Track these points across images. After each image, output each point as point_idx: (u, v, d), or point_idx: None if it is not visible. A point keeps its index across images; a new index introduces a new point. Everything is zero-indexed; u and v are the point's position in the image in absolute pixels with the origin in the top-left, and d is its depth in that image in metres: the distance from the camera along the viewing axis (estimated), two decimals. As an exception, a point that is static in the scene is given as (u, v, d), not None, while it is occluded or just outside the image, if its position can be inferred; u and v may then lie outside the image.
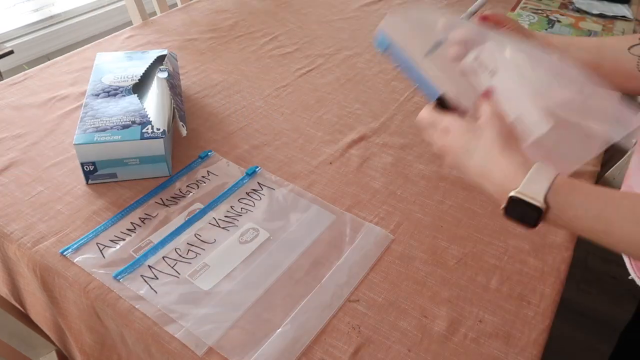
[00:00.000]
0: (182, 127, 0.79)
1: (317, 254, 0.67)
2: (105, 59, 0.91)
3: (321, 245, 0.68)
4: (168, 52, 0.94)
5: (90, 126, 0.75)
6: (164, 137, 0.74)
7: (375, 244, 0.69)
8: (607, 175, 0.86)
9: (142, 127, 0.75)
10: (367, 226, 0.71)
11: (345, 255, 0.67)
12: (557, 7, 1.44)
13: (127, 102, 0.80)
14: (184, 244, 0.67)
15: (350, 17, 1.33)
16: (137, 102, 0.79)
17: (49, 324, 0.74)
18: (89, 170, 0.75)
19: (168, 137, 0.78)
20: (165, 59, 0.91)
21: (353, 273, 0.65)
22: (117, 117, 0.76)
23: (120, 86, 0.83)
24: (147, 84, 0.84)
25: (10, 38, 1.54)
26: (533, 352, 0.57)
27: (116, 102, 0.80)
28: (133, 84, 0.84)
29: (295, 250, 0.67)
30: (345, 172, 0.81)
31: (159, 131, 0.74)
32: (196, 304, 0.60)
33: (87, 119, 0.76)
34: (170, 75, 0.87)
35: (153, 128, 0.75)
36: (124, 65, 0.89)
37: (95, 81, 0.85)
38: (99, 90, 0.82)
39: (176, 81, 0.91)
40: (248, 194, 0.76)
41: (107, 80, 0.85)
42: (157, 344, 0.57)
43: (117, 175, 0.76)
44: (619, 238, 0.44)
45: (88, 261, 0.64)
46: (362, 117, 0.95)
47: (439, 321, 0.60)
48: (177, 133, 0.86)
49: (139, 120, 0.76)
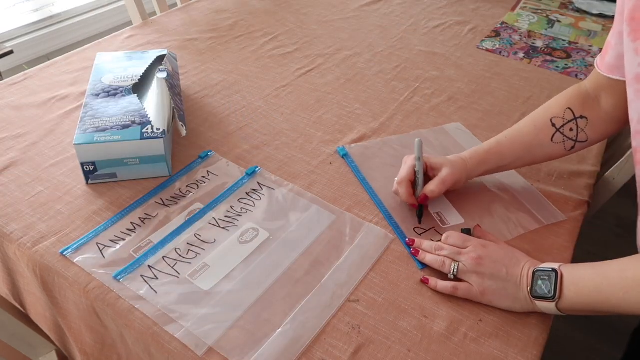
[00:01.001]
0: (181, 127, 0.79)
1: (317, 254, 0.67)
2: (105, 59, 0.91)
3: (321, 245, 0.68)
4: (168, 52, 0.94)
5: (90, 126, 0.75)
6: (164, 137, 0.74)
7: (375, 244, 0.69)
8: (606, 175, 0.86)
9: (142, 127, 0.75)
10: (367, 226, 0.71)
11: (345, 255, 0.67)
12: (557, 7, 1.44)
13: (127, 102, 0.80)
14: (183, 244, 0.67)
15: (350, 17, 1.33)
16: (137, 102, 0.79)
17: (49, 324, 0.74)
18: (89, 170, 0.75)
19: (168, 137, 0.78)
20: (165, 59, 0.91)
21: (353, 273, 0.65)
22: (117, 117, 0.76)
23: (120, 86, 0.83)
24: (146, 84, 0.84)
25: (10, 38, 1.54)
26: (533, 352, 0.57)
27: (116, 102, 0.80)
28: (133, 84, 0.84)
29: (295, 250, 0.67)
30: (345, 172, 0.81)
31: (158, 131, 0.74)
32: (196, 304, 0.60)
33: (87, 119, 0.76)
34: (169, 75, 0.87)
35: (153, 128, 0.75)
36: (124, 65, 0.89)
37: (95, 81, 0.85)
38: (99, 90, 0.82)
39: (176, 81, 0.91)
40: (248, 194, 0.76)
41: (107, 80, 0.85)
42: (157, 344, 0.57)
43: (117, 175, 0.76)
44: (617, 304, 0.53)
45: (88, 261, 0.64)
46: (362, 117, 0.95)
47: (439, 321, 0.60)
48: (176, 133, 0.86)
49: (139, 120, 0.76)
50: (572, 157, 0.87)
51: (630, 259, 0.53)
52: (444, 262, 0.63)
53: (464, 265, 0.62)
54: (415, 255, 0.66)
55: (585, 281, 0.55)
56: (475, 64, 1.14)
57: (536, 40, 1.26)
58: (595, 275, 0.54)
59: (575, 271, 0.56)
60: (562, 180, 0.82)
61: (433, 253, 0.65)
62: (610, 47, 0.66)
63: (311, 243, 0.68)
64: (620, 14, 0.62)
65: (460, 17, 1.36)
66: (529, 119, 0.75)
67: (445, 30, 1.29)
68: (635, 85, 0.57)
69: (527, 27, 1.32)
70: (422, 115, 0.96)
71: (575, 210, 0.76)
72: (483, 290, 0.60)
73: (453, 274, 0.62)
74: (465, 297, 0.62)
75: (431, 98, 1.01)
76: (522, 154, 0.74)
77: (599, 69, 0.69)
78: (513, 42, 1.25)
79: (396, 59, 1.14)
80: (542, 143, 0.73)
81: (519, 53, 1.20)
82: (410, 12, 1.37)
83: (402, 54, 1.16)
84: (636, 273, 0.51)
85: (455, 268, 0.62)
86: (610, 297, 0.52)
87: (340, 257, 0.66)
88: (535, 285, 0.58)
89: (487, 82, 1.08)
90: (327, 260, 0.66)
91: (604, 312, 0.54)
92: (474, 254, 0.62)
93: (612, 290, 0.52)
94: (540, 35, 1.28)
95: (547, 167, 0.84)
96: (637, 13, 0.55)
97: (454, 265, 0.63)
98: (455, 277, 0.63)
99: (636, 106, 0.58)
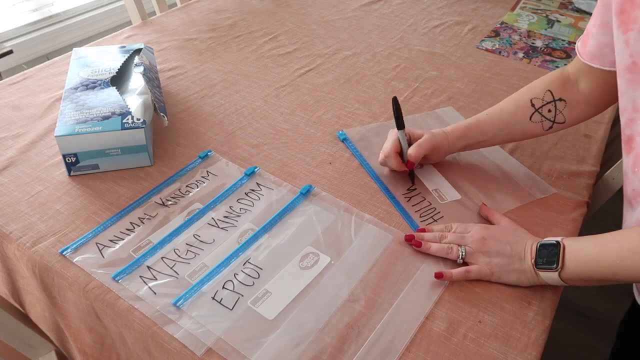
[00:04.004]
0: (162, 117, 0.80)
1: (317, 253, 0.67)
2: (82, 53, 0.93)
3: (321, 245, 0.68)
4: (145, 46, 0.95)
5: (70, 118, 0.75)
6: (145, 126, 0.75)
7: (375, 244, 0.68)
8: (606, 176, 0.86)
9: (122, 117, 0.76)
10: (367, 226, 0.71)
11: (344, 255, 0.67)
12: (557, 7, 1.44)
13: (105, 94, 0.81)
14: (182, 244, 0.67)
15: (350, 17, 1.33)
16: (115, 94, 0.81)
17: (48, 323, 0.74)
18: (70, 162, 0.75)
19: (148, 128, 0.79)
20: (141, 53, 0.92)
21: (352, 273, 0.64)
22: (97, 109, 0.77)
23: (98, 79, 0.84)
24: (124, 77, 0.86)
25: (10, 38, 1.54)
26: (533, 352, 0.57)
27: (95, 94, 0.81)
28: (111, 76, 0.85)
29: (294, 250, 0.67)
30: (344, 172, 0.81)
31: (139, 121, 0.75)
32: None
33: (67, 112, 0.77)
34: (146, 69, 0.88)
35: (133, 118, 0.75)
36: (102, 59, 0.90)
37: (74, 75, 0.86)
38: (78, 83, 0.84)
39: (153, 74, 0.92)
40: (247, 194, 0.75)
41: (84, 73, 0.86)
42: (157, 344, 0.57)
43: (100, 167, 0.77)
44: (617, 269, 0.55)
45: (87, 261, 0.64)
46: (362, 117, 0.95)
47: (439, 321, 0.60)
48: (167, 130, 0.86)
49: (119, 111, 0.77)
50: (572, 158, 0.87)
51: (627, 230, 0.56)
52: (451, 249, 0.65)
53: (470, 247, 0.64)
54: (418, 247, 0.67)
55: (585, 251, 0.58)
56: (475, 64, 1.14)
57: (536, 40, 1.26)
58: (594, 246, 0.57)
59: (576, 243, 0.59)
60: (562, 181, 0.82)
61: (437, 242, 0.67)
62: (591, 35, 0.68)
63: (310, 243, 0.68)
64: (603, 5, 0.64)
65: (460, 17, 1.36)
66: (511, 98, 0.78)
67: (444, 30, 1.29)
68: (627, 75, 0.59)
69: (526, 27, 1.32)
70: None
71: (575, 210, 0.76)
72: (491, 268, 0.63)
73: (462, 258, 0.64)
74: (477, 278, 0.64)
75: (431, 98, 1.01)
76: (501, 130, 0.77)
77: (580, 55, 0.71)
78: (513, 42, 1.25)
79: (396, 58, 1.14)
80: (520, 121, 0.76)
81: (519, 53, 1.20)
82: (410, 12, 1.37)
83: (402, 54, 1.16)
84: (632, 242, 0.53)
85: (463, 252, 0.65)
86: (608, 265, 0.55)
87: (340, 257, 0.66)
88: (540, 257, 0.60)
89: (487, 82, 1.08)
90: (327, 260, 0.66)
91: (604, 281, 0.57)
92: (478, 235, 0.65)
93: (609, 259, 0.55)
94: (540, 35, 1.28)
95: (547, 167, 0.84)
96: (626, 5, 0.57)
97: (462, 250, 0.65)
98: (463, 261, 0.65)
99: (629, 96, 0.60)
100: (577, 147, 0.90)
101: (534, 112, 0.75)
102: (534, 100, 0.75)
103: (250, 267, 0.64)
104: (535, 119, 0.76)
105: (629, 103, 0.60)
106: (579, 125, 0.95)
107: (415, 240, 0.68)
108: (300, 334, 0.57)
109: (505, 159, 0.85)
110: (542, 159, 0.86)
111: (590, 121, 0.97)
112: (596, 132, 0.94)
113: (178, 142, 0.85)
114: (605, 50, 0.66)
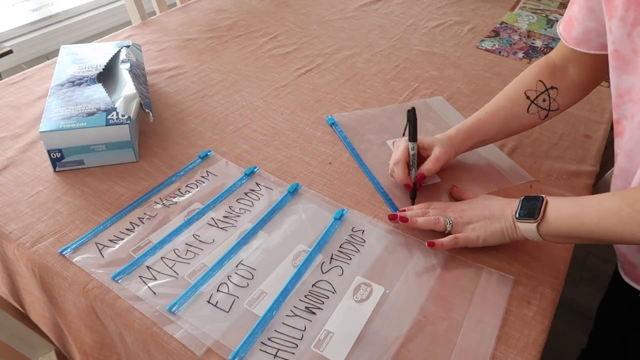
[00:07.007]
0: (147, 113, 0.80)
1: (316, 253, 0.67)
2: (69, 51, 0.93)
3: (320, 245, 0.68)
4: (132, 43, 0.96)
5: (55, 114, 0.75)
6: (129, 122, 0.75)
7: (374, 244, 0.68)
8: (606, 176, 0.86)
9: (107, 113, 0.76)
10: (367, 226, 0.71)
11: (334, 253, 0.67)
12: (557, 7, 1.44)
13: (91, 90, 0.81)
14: (182, 244, 0.67)
15: (350, 17, 1.33)
16: (101, 91, 0.81)
17: (48, 323, 0.74)
18: (55, 158, 0.76)
19: (134, 124, 0.79)
20: (128, 50, 0.92)
21: (352, 273, 0.64)
22: (83, 105, 0.78)
23: (84, 76, 0.85)
24: (110, 73, 0.86)
25: (9, 37, 1.54)
26: (532, 352, 0.57)
27: (81, 91, 0.81)
28: (97, 73, 0.85)
29: (293, 249, 0.67)
30: (344, 172, 0.81)
31: (124, 117, 0.75)
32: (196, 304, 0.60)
33: (53, 108, 0.77)
34: (133, 66, 0.88)
35: (118, 115, 0.76)
36: (88, 57, 0.90)
37: (60, 72, 0.86)
38: (64, 80, 0.84)
39: (140, 71, 0.92)
40: (246, 194, 0.75)
41: (71, 70, 0.86)
42: (157, 344, 0.57)
43: (85, 162, 0.77)
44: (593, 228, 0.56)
45: (87, 261, 0.64)
46: (362, 117, 0.95)
47: (439, 321, 0.60)
48: (164, 130, 0.86)
49: (104, 107, 0.77)
50: (571, 158, 0.87)
51: (609, 194, 0.57)
52: (439, 220, 0.68)
53: (454, 217, 0.67)
54: (404, 222, 0.69)
55: (566, 208, 0.59)
56: (475, 64, 1.14)
57: (535, 40, 1.26)
58: (576, 205, 0.58)
59: (559, 200, 0.60)
60: (562, 181, 0.82)
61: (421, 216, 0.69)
62: (576, 21, 0.69)
63: (309, 243, 0.68)
64: None
65: (460, 17, 1.36)
66: (504, 93, 0.79)
67: (444, 30, 1.29)
68: (611, 62, 0.61)
69: (526, 27, 1.32)
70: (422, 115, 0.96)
71: (575, 210, 0.76)
72: (476, 233, 0.65)
73: (449, 227, 0.67)
74: (465, 245, 0.66)
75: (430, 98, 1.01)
76: (501, 127, 0.79)
77: (565, 41, 0.73)
78: (512, 42, 1.25)
79: (395, 58, 1.14)
80: (518, 115, 0.78)
81: (519, 53, 1.20)
82: (410, 12, 1.37)
83: (402, 54, 1.16)
84: (613, 205, 0.54)
85: (450, 222, 0.67)
86: (586, 222, 0.56)
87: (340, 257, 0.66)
88: (522, 209, 0.62)
89: (487, 82, 1.08)
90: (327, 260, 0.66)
91: (579, 239, 0.59)
92: (457, 207, 0.69)
93: (588, 217, 0.56)
94: (540, 35, 1.28)
95: (547, 167, 0.84)
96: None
97: (449, 220, 0.67)
98: (449, 233, 0.67)
99: (613, 82, 0.62)
100: (577, 147, 0.90)
101: (530, 104, 0.77)
102: (527, 92, 0.77)
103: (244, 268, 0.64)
104: (532, 110, 0.77)
105: (614, 89, 0.62)
106: (579, 125, 0.95)
107: (400, 217, 0.69)
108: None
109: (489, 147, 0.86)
110: (542, 159, 0.86)
111: (590, 121, 0.97)
112: (596, 132, 0.94)
113: (178, 142, 0.85)
114: (590, 36, 0.68)
